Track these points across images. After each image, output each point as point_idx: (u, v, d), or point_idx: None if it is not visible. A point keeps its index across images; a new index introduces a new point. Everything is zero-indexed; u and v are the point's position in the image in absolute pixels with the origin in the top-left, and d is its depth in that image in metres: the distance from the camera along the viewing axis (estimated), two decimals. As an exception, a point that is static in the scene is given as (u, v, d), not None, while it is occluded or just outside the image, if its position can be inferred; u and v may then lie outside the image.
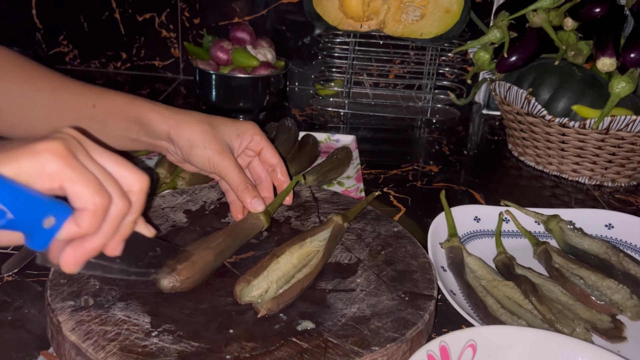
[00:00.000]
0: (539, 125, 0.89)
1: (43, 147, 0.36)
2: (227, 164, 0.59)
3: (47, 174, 0.36)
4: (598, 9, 0.88)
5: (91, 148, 0.40)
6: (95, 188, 0.38)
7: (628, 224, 0.71)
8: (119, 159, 0.41)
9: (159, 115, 0.60)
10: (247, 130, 0.62)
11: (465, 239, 0.68)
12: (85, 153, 0.39)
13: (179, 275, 0.50)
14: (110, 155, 0.41)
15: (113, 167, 0.41)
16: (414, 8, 1.05)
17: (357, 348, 0.46)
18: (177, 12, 1.24)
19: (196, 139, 0.59)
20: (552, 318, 0.53)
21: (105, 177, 0.39)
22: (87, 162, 0.39)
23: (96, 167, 0.39)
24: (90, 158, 0.39)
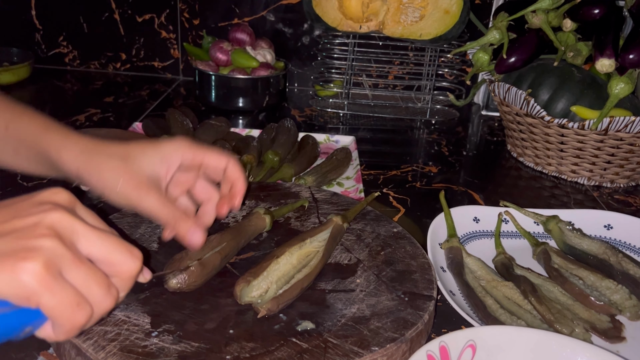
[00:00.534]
0: (538, 126, 0.89)
1: (21, 268, 0.33)
2: (147, 199, 0.51)
3: (24, 296, 0.34)
4: (597, 10, 0.88)
5: (80, 232, 0.36)
6: (74, 309, 0.35)
7: (627, 225, 0.71)
8: (110, 241, 0.37)
9: (68, 153, 0.52)
10: (173, 152, 0.54)
11: (465, 239, 0.68)
12: (70, 256, 0.35)
13: (188, 277, 0.50)
14: (100, 237, 0.37)
15: (102, 252, 0.37)
16: (413, 9, 1.05)
17: (357, 348, 0.46)
18: (176, 13, 1.24)
19: (106, 178, 0.51)
20: (552, 318, 0.53)
21: (88, 285, 0.36)
22: (70, 271, 0.35)
23: (79, 275, 0.35)
24: (75, 260, 0.35)
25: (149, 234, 0.60)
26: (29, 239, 0.34)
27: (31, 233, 0.35)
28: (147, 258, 0.44)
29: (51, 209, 0.36)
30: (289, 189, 0.72)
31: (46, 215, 0.35)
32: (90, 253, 0.37)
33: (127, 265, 0.38)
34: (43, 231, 0.35)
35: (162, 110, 1.05)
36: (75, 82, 1.23)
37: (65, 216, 0.36)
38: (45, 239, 0.34)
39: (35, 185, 0.76)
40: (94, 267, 0.37)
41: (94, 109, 1.08)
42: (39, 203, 0.37)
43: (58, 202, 0.37)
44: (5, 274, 0.33)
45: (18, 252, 0.34)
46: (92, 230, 0.37)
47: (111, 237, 0.38)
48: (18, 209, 0.36)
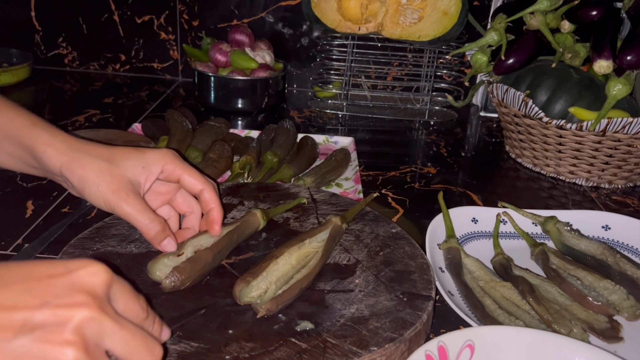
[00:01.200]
0: (536, 127, 0.90)
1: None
2: (127, 206, 0.53)
3: None
4: (595, 12, 0.89)
5: (107, 333, 0.35)
6: None
7: (625, 226, 0.71)
8: (134, 342, 0.37)
9: (53, 149, 0.53)
10: (155, 161, 0.55)
11: (463, 240, 0.68)
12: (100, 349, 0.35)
13: (180, 274, 0.51)
14: (125, 339, 0.36)
15: (125, 354, 0.37)
16: (412, 11, 1.06)
17: (356, 348, 0.46)
18: (175, 14, 1.24)
19: (88, 177, 0.52)
20: (550, 318, 0.54)
21: None
22: None
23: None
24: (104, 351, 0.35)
25: (149, 235, 0.60)
26: (54, 345, 0.33)
27: (57, 335, 0.33)
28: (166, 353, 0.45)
29: (83, 304, 0.34)
30: (288, 189, 0.72)
31: (77, 313, 0.34)
32: (113, 351, 0.36)
33: (149, 353, 0.38)
34: (69, 337, 0.33)
35: (162, 111, 1.05)
36: (75, 83, 1.23)
37: (96, 315, 0.35)
38: (69, 349, 0.33)
39: (35, 187, 0.76)
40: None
41: (93, 109, 1.08)
42: (74, 287, 0.35)
43: (94, 289, 0.35)
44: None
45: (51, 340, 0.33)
46: (119, 330, 0.36)
47: (136, 336, 0.37)
48: (51, 289, 0.35)
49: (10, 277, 0.35)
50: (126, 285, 0.38)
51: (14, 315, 0.33)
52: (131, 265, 0.55)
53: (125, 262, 0.55)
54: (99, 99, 1.14)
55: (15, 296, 0.34)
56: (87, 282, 0.36)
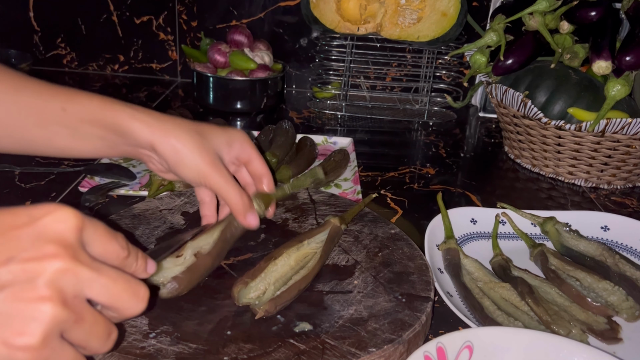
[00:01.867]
0: (535, 127, 0.90)
1: (17, 345, 0.30)
2: (220, 177, 0.54)
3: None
4: (594, 13, 0.89)
5: (84, 281, 0.33)
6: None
7: (624, 226, 0.71)
8: (116, 287, 0.35)
9: (142, 123, 0.53)
10: (237, 139, 0.58)
11: (462, 240, 0.68)
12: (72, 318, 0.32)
13: (179, 284, 0.50)
14: (106, 285, 0.34)
15: (108, 299, 0.35)
16: (411, 11, 1.06)
17: (355, 349, 0.46)
18: (174, 15, 1.24)
19: (184, 149, 0.54)
20: (549, 319, 0.54)
21: (88, 340, 0.34)
22: (71, 332, 0.33)
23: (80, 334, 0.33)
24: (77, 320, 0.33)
25: (147, 235, 0.60)
26: (28, 303, 0.31)
27: (30, 291, 0.31)
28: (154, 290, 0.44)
29: (54, 255, 0.32)
30: (286, 190, 0.72)
31: (48, 265, 0.32)
32: (95, 298, 0.34)
33: (132, 309, 0.36)
34: (43, 292, 0.31)
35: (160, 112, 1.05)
36: (74, 84, 1.23)
37: (69, 266, 0.32)
38: (45, 305, 0.31)
39: (33, 187, 0.76)
40: (95, 320, 0.34)
41: (91, 110, 1.08)
42: (41, 237, 0.32)
43: (63, 237, 0.33)
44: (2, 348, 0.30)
45: (14, 322, 0.30)
46: (98, 277, 0.34)
47: (117, 280, 0.35)
48: (16, 242, 0.32)
49: None
50: (100, 225, 0.36)
51: None
52: (129, 266, 0.54)
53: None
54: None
55: None
56: (54, 230, 0.33)
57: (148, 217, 0.63)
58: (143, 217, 0.63)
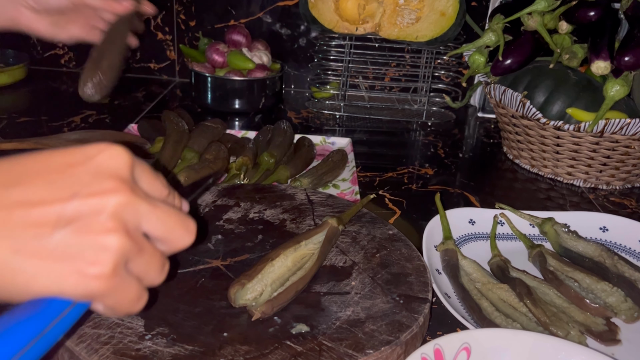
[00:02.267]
0: (534, 128, 0.89)
1: (90, 274, 0.32)
2: None
3: (89, 297, 0.33)
4: (592, 13, 0.88)
5: (142, 215, 0.35)
6: (133, 304, 0.35)
7: (622, 227, 0.71)
8: (170, 219, 0.36)
9: None
10: None
11: (460, 241, 0.68)
12: (136, 249, 0.34)
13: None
14: (161, 218, 0.36)
15: (162, 232, 0.36)
16: (410, 11, 1.05)
17: (352, 351, 0.46)
18: (172, 15, 1.24)
19: None
20: (547, 321, 0.53)
21: (148, 271, 0.36)
22: (134, 262, 0.35)
23: (141, 264, 0.35)
24: (139, 251, 0.34)
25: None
26: (95, 235, 0.32)
27: (96, 225, 0.32)
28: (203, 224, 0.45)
29: (114, 190, 0.33)
30: (284, 190, 0.72)
31: (110, 199, 0.33)
32: (150, 232, 0.36)
33: (182, 242, 0.38)
34: (108, 224, 0.33)
35: (158, 112, 1.05)
36: (71, 84, 1.23)
37: (129, 199, 0.34)
38: (112, 236, 0.33)
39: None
40: (153, 251, 0.36)
41: (89, 110, 1.08)
42: (99, 173, 0.33)
43: (119, 173, 0.34)
44: (74, 278, 0.32)
45: (85, 253, 0.32)
46: (154, 210, 0.35)
47: (170, 213, 0.37)
48: (76, 178, 0.33)
49: (28, 172, 0.33)
50: (145, 164, 0.37)
51: (46, 210, 0.32)
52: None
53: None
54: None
55: (40, 191, 0.32)
56: (110, 167, 0.34)
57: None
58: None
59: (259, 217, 0.65)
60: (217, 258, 0.57)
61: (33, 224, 0.31)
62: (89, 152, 0.34)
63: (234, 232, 0.62)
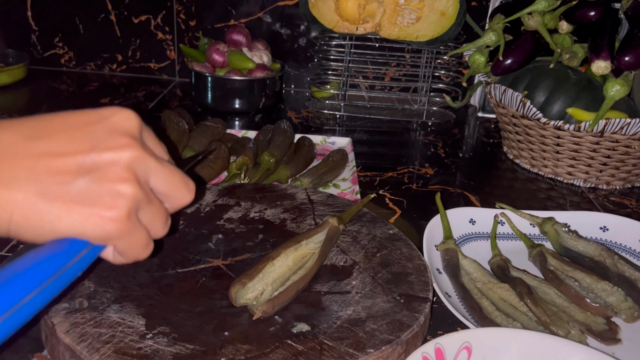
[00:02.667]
0: (534, 128, 0.89)
1: (108, 217, 0.36)
2: None
3: (104, 240, 0.37)
4: (593, 13, 0.89)
5: (152, 170, 0.39)
6: (143, 249, 0.40)
7: (622, 227, 0.71)
8: (174, 177, 0.41)
9: None
10: None
11: (461, 241, 0.68)
12: (146, 199, 0.38)
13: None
14: (167, 174, 0.40)
15: (167, 188, 0.40)
16: (410, 11, 1.05)
17: (353, 350, 0.46)
18: (172, 15, 1.24)
19: None
20: (547, 320, 0.53)
21: (154, 222, 0.40)
22: (144, 211, 0.39)
23: (149, 214, 0.39)
24: (149, 201, 0.38)
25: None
26: (112, 183, 0.36)
27: (113, 174, 0.36)
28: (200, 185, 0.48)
29: (127, 145, 0.37)
30: (285, 190, 0.72)
31: (124, 153, 0.37)
32: (156, 187, 0.40)
33: (184, 199, 0.42)
34: (123, 174, 0.37)
35: (158, 112, 1.05)
36: (71, 84, 1.23)
37: (140, 154, 0.38)
38: (126, 185, 0.36)
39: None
40: (159, 204, 0.40)
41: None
42: (113, 131, 0.38)
43: (131, 132, 0.38)
44: (93, 220, 0.36)
45: (103, 198, 0.36)
46: (161, 167, 0.39)
47: (174, 172, 0.41)
48: (94, 135, 0.37)
49: (51, 128, 0.37)
50: (151, 130, 0.41)
51: (68, 160, 0.36)
52: (126, 267, 0.54)
53: (120, 263, 0.55)
54: (96, 100, 1.14)
55: (63, 144, 0.36)
56: (124, 126, 0.38)
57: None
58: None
59: (259, 217, 0.65)
60: (217, 257, 0.57)
61: (57, 172, 0.35)
62: (104, 114, 0.39)
63: (234, 232, 0.62)
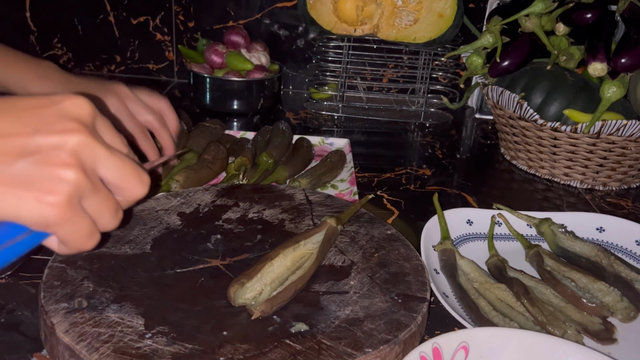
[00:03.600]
0: (531, 129, 0.90)
1: (46, 201, 0.35)
2: None
3: (44, 225, 0.36)
4: (589, 15, 0.89)
5: (100, 158, 0.37)
6: (86, 239, 0.38)
7: (619, 227, 0.71)
8: (125, 167, 0.39)
9: None
10: None
11: (458, 241, 0.68)
12: (91, 186, 0.37)
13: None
14: (117, 164, 0.38)
15: (117, 179, 0.39)
16: (408, 13, 1.06)
17: (350, 350, 0.46)
18: (171, 16, 1.24)
19: None
20: (544, 320, 0.54)
21: (101, 212, 0.38)
22: (89, 200, 0.37)
23: (95, 203, 0.37)
24: (94, 189, 0.37)
25: (143, 236, 0.60)
26: (54, 167, 0.35)
27: (55, 158, 0.35)
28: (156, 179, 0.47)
29: (75, 130, 0.36)
30: (283, 191, 0.72)
31: (70, 138, 0.36)
32: (105, 177, 0.38)
33: (136, 192, 0.40)
34: (67, 159, 0.35)
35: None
36: (70, 84, 1.23)
37: (88, 141, 0.36)
38: (69, 170, 0.35)
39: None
40: (107, 194, 0.39)
41: (88, 111, 1.08)
42: (62, 116, 0.36)
43: (81, 118, 0.37)
44: (30, 204, 0.35)
45: (43, 182, 0.35)
46: (111, 156, 0.38)
47: (126, 162, 0.39)
48: (40, 118, 0.36)
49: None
50: (108, 121, 0.40)
51: (11, 142, 0.35)
52: (125, 267, 0.54)
53: (119, 263, 0.55)
54: (94, 100, 1.14)
55: (6, 125, 0.35)
56: (74, 112, 0.37)
57: (144, 217, 0.63)
58: (139, 217, 0.63)
59: (258, 217, 0.66)
60: (216, 257, 0.58)
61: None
62: (55, 99, 0.37)
63: (233, 232, 0.62)
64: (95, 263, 0.54)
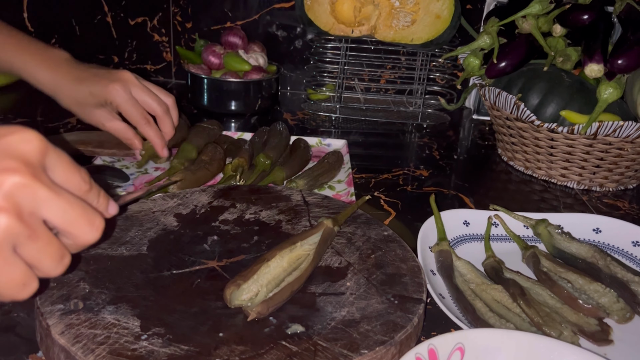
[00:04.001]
0: (528, 130, 0.90)
1: None
2: None
3: None
4: (586, 16, 0.89)
5: (42, 200, 0.34)
6: (19, 289, 0.35)
7: (615, 228, 0.71)
8: (73, 212, 0.36)
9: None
10: None
11: (455, 242, 0.68)
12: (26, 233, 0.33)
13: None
14: (62, 208, 0.35)
15: (63, 223, 0.35)
16: (405, 14, 1.06)
17: (347, 351, 0.46)
18: (169, 16, 1.24)
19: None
20: (540, 321, 0.54)
21: (40, 259, 0.35)
22: (24, 247, 0.34)
23: (33, 251, 0.34)
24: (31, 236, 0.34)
25: (140, 237, 0.60)
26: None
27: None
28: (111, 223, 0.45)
29: (14, 170, 0.33)
30: (280, 192, 0.72)
31: (7, 178, 0.32)
32: (50, 221, 0.35)
33: (85, 237, 0.37)
34: (0, 202, 0.32)
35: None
36: (67, 85, 1.22)
37: (28, 182, 0.33)
38: (0, 216, 0.32)
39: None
40: (49, 240, 0.35)
41: (85, 111, 1.07)
42: (4, 152, 0.33)
43: (26, 156, 0.34)
44: None
45: None
46: (56, 198, 0.34)
47: (75, 205, 0.36)
48: None
49: None
50: (64, 155, 0.37)
51: None
52: (121, 268, 0.54)
53: (115, 264, 0.55)
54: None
55: None
56: (18, 149, 0.34)
57: (141, 218, 0.63)
58: (136, 218, 0.63)
59: (254, 218, 0.66)
60: (212, 259, 0.58)
61: None
62: (1, 132, 0.34)
63: (229, 233, 0.62)
64: (92, 264, 0.54)
